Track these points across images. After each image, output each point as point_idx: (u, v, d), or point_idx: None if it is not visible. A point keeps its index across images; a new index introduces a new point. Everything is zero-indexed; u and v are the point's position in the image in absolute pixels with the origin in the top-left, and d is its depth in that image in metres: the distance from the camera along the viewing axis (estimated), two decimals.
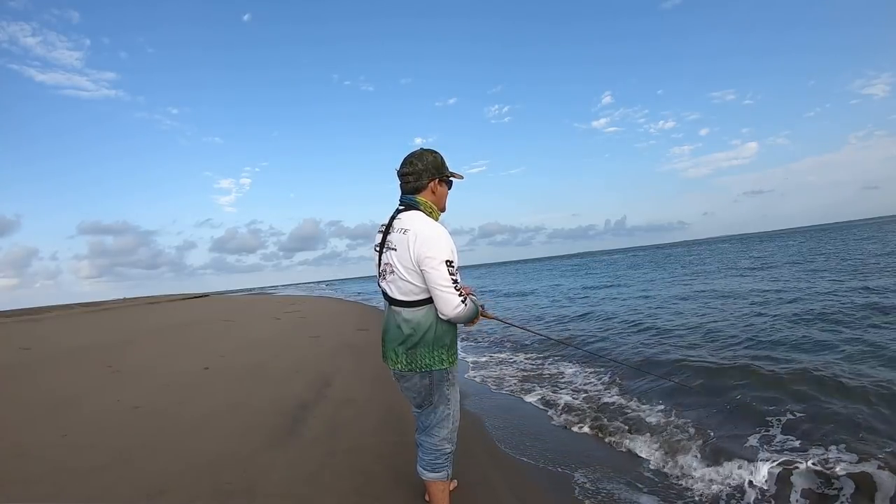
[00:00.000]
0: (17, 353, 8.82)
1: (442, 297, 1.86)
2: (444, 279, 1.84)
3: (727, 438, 3.09)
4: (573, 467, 2.90)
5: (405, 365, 1.98)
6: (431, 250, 1.84)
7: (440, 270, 1.84)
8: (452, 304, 1.86)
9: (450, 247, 1.89)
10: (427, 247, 1.85)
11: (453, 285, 1.86)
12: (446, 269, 1.84)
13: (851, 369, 4.13)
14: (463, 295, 1.89)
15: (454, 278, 1.86)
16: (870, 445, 2.72)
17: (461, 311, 1.88)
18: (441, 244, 1.86)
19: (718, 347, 5.60)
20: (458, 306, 1.86)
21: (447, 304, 1.86)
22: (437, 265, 1.84)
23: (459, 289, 1.88)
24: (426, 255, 1.84)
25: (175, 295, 63.32)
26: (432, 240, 1.86)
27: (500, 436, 3.47)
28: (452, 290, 1.85)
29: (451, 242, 1.92)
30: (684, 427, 3.31)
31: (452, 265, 1.87)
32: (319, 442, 3.28)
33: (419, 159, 2.00)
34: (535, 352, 6.43)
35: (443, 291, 1.85)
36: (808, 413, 3.31)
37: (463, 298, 1.88)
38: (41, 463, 3.09)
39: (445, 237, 1.90)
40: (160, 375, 5.73)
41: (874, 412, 3.18)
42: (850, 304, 7.24)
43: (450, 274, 1.85)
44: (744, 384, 4.03)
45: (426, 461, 2.12)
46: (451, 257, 1.88)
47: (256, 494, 2.55)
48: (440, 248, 1.85)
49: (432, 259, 1.84)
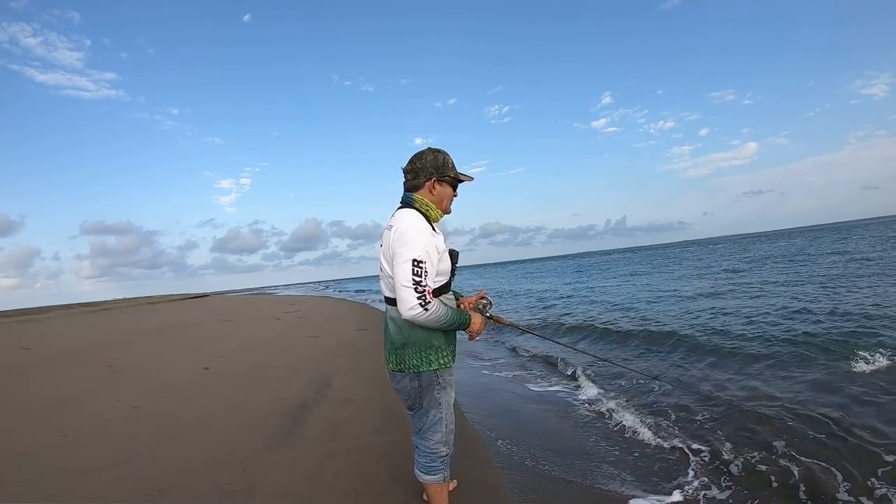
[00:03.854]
0: (17, 353, 8.81)
1: (399, 296, 1.80)
2: (404, 277, 1.78)
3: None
4: (575, 467, 2.90)
5: (395, 365, 1.97)
6: (402, 246, 1.81)
7: (403, 267, 1.78)
8: (407, 304, 1.77)
9: (423, 245, 1.81)
10: (399, 242, 1.82)
11: (413, 285, 1.77)
12: (410, 267, 1.77)
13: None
14: (424, 298, 1.78)
15: (417, 279, 1.77)
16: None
17: (418, 314, 1.78)
18: (413, 241, 1.80)
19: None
20: (412, 307, 1.77)
21: (403, 304, 1.79)
22: (402, 262, 1.79)
23: (422, 291, 1.78)
24: (396, 251, 1.82)
25: (175, 295, 63.26)
26: (405, 235, 1.82)
27: (500, 435, 3.47)
28: (411, 290, 1.77)
29: (428, 241, 1.83)
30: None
31: (420, 265, 1.78)
32: (319, 442, 3.28)
33: (419, 158, 2.00)
34: (544, 353, 6.44)
35: (401, 289, 1.78)
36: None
37: (422, 301, 1.77)
38: (41, 463, 3.09)
39: (422, 235, 1.83)
40: (160, 375, 5.73)
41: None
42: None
43: (413, 273, 1.77)
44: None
45: (422, 464, 2.10)
46: (421, 256, 1.79)
47: (256, 494, 2.56)
48: (410, 246, 1.80)
49: (399, 255, 1.81)
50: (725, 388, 4.24)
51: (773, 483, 2.57)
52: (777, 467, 2.70)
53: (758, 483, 2.60)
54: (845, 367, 4.33)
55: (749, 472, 2.71)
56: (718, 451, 2.97)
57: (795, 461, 2.74)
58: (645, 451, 3.12)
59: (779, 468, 2.69)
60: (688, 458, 2.96)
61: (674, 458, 2.98)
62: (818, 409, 3.41)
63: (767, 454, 2.87)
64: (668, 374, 4.91)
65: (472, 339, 2.07)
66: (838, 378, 4.09)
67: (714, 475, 2.73)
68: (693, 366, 5.17)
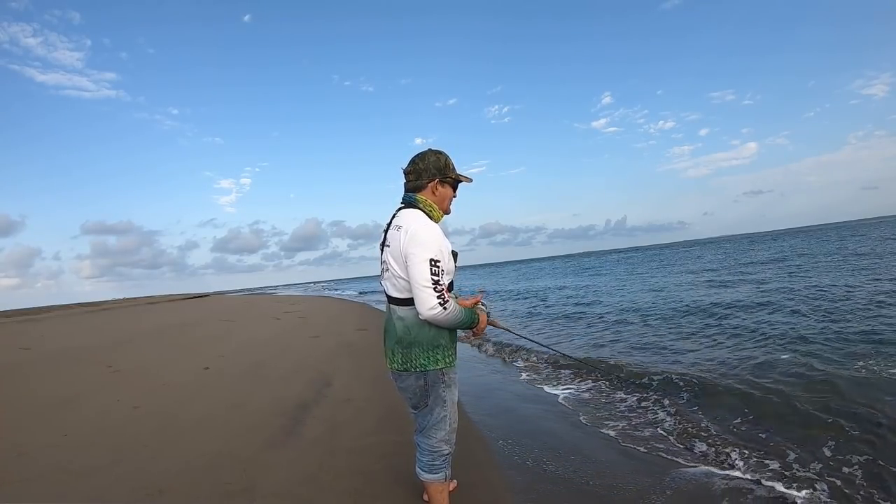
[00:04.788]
0: (17, 353, 8.82)
1: (418, 296, 1.82)
2: (423, 277, 1.80)
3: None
4: (574, 467, 2.90)
5: (400, 364, 1.98)
6: (416, 247, 1.82)
7: (421, 267, 1.80)
8: (427, 304, 1.80)
9: (437, 245, 1.84)
10: (413, 243, 1.83)
11: (433, 285, 1.80)
12: (428, 267, 1.80)
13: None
14: (443, 297, 1.82)
15: (435, 278, 1.80)
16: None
17: (438, 314, 1.81)
18: (428, 241, 1.83)
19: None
20: (433, 307, 1.80)
21: (422, 304, 1.81)
22: (419, 262, 1.81)
23: (441, 290, 1.82)
24: (410, 251, 1.83)
25: (175, 295, 63.30)
26: (419, 236, 1.84)
27: (500, 435, 3.47)
28: (430, 290, 1.79)
29: (440, 242, 1.87)
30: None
31: (437, 264, 1.82)
32: (319, 442, 3.29)
33: (421, 159, 2.02)
34: (544, 353, 6.44)
35: (420, 290, 1.80)
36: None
37: (441, 300, 1.81)
38: (41, 463, 3.10)
39: (435, 235, 1.86)
40: (160, 375, 5.73)
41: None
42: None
43: (431, 273, 1.80)
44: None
45: (424, 462, 2.11)
46: (437, 256, 1.83)
47: (256, 494, 2.56)
48: (425, 246, 1.82)
49: (415, 255, 1.82)
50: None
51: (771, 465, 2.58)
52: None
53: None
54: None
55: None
56: (725, 452, 2.98)
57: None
58: (645, 451, 3.12)
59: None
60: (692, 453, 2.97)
61: (674, 458, 2.98)
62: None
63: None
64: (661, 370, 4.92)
65: (476, 336, 2.10)
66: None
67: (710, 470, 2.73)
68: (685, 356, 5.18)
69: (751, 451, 2.93)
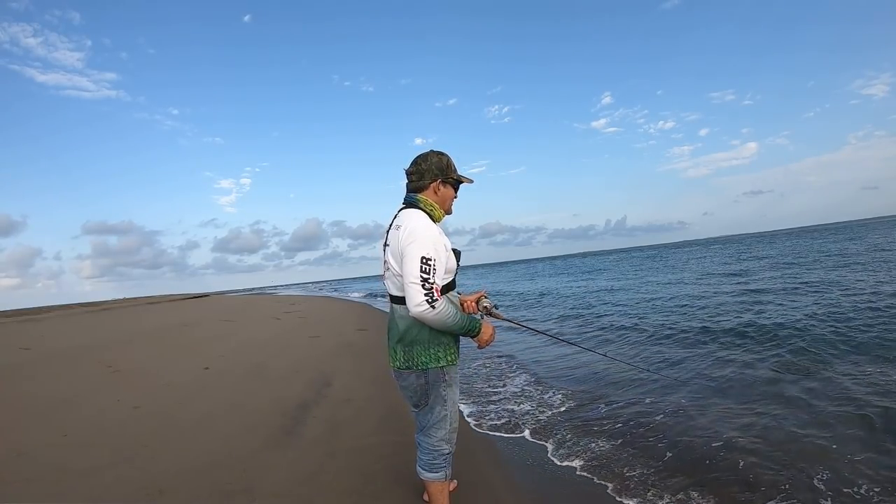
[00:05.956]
0: (17, 353, 8.82)
1: (407, 292, 1.82)
2: (412, 274, 1.80)
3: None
4: (574, 467, 2.90)
5: (402, 362, 1.98)
6: (410, 244, 1.83)
7: (412, 264, 1.80)
8: (415, 300, 1.79)
9: (432, 243, 1.85)
10: (408, 241, 1.84)
11: (421, 282, 1.79)
12: (419, 264, 1.80)
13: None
14: (432, 295, 1.80)
15: (425, 276, 1.80)
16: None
17: (425, 311, 1.79)
18: (422, 239, 1.83)
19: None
20: (420, 304, 1.79)
21: (410, 300, 1.81)
22: (411, 259, 1.81)
23: (430, 288, 1.80)
24: (405, 249, 1.84)
25: (175, 295, 63.34)
26: (414, 233, 1.85)
27: (500, 435, 3.47)
28: (418, 286, 1.79)
29: (436, 240, 1.87)
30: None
31: (429, 262, 1.81)
32: (319, 442, 3.28)
33: (424, 160, 2.04)
34: (542, 354, 6.43)
35: (408, 286, 1.81)
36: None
37: (429, 298, 1.79)
38: (41, 463, 3.09)
39: (430, 233, 1.87)
40: (160, 375, 5.73)
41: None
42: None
43: (421, 270, 1.79)
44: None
45: (424, 461, 2.11)
46: (430, 254, 1.82)
47: (256, 494, 2.56)
48: (419, 243, 1.83)
49: (408, 253, 1.83)
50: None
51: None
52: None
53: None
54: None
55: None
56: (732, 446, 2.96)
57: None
58: (644, 450, 3.11)
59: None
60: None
61: (675, 459, 2.98)
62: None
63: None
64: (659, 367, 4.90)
65: (480, 347, 2.08)
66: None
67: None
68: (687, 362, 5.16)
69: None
